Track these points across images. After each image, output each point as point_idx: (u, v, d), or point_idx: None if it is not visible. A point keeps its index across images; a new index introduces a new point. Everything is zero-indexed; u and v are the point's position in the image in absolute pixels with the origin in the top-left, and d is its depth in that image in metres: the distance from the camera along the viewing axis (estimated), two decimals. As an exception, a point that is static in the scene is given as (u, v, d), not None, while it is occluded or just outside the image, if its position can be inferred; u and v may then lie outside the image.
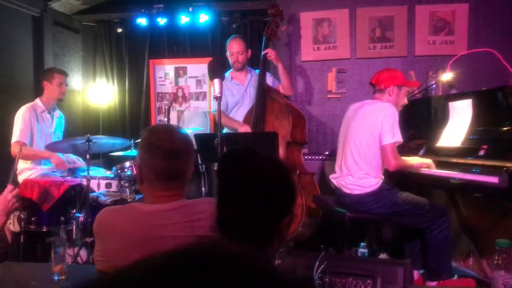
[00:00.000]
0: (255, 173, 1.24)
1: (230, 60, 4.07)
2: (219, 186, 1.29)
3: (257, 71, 4.09)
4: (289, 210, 1.27)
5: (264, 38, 4.02)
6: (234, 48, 4.04)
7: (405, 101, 3.27)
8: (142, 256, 0.42)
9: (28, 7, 4.56)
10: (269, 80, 4.06)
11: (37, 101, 3.97)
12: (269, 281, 0.40)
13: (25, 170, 3.81)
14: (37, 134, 3.87)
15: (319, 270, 1.91)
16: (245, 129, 3.81)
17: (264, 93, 3.88)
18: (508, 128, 2.78)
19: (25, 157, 3.72)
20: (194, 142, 2.21)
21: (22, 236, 3.34)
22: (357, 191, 3.10)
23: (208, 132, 4.86)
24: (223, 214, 1.26)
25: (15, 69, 4.46)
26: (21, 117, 3.81)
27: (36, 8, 4.65)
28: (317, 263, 1.92)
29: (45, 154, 3.82)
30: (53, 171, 3.91)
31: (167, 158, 1.52)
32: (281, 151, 3.66)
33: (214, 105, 3.98)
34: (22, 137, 3.77)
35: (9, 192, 2.20)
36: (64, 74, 4.10)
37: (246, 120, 3.93)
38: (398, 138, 3.03)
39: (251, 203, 1.21)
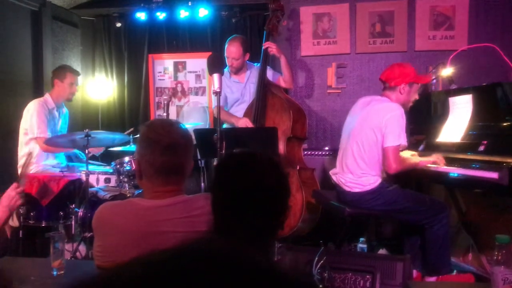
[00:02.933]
0: (255, 180, 1.25)
1: (227, 62, 4.01)
2: (217, 195, 1.29)
3: (256, 64, 4.07)
4: (288, 205, 1.29)
5: (265, 33, 4.00)
6: (230, 53, 3.97)
7: (416, 96, 3.17)
8: (142, 252, 0.41)
9: (27, 1, 4.53)
10: (269, 73, 4.04)
11: (47, 97, 3.96)
12: (272, 278, 0.39)
13: (26, 163, 3.81)
14: (49, 130, 3.87)
15: (319, 265, 1.91)
16: (243, 122, 3.79)
17: (264, 88, 3.86)
18: (509, 123, 2.77)
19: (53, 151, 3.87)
20: (193, 137, 2.20)
21: (21, 231, 3.35)
22: (356, 189, 3.07)
23: (208, 127, 4.85)
24: (223, 221, 1.26)
25: (13, 64, 4.45)
26: (36, 112, 3.79)
27: (35, 2, 4.62)
28: (317, 258, 1.92)
29: None
30: (54, 167, 3.91)
31: (166, 152, 1.51)
32: (282, 147, 3.66)
33: (215, 101, 3.96)
34: (43, 132, 3.78)
35: (13, 189, 2.19)
36: (76, 74, 4.10)
37: (246, 115, 3.91)
38: (402, 141, 2.94)
39: (253, 209, 1.22)
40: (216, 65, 2.82)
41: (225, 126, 3.96)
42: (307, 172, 3.78)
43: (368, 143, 3.01)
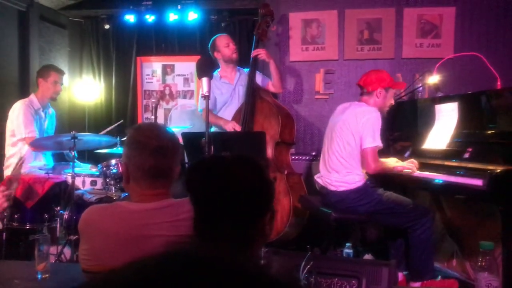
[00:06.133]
0: (226, 180, 1.22)
1: (227, 53, 4.05)
2: (191, 198, 1.28)
3: (246, 70, 4.08)
4: (268, 207, 1.26)
5: (254, 38, 4.01)
6: (229, 39, 4.08)
7: (392, 101, 3.31)
8: (128, 255, 0.41)
9: (14, 1, 4.49)
10: (259, 78, 4.05)
11: (33, 97, 3.91)
12: (262, 283, 0.40)
13: (13, 165, 3.75)
14: (36, 129, 3.83)
15: (305, 270, 1.92)
16: (231, 125, 3.80)
17: (253, 93, 3.87)
18: (493, 131, 2.81)
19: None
20: (181, 140, 2.20)
21: (4, 234, 3.29)
22: (342, 187, 3.15)
23: (199, 130, 4.84)
24: (201, 222, 1.25)
25: (0, 65, 4.39)
26: (22, 112, 3.75)
27: (22, 2, 4.58)
28: (303, 263, 1.92)
29: None
30: (40, 169, 3.86)
31: (154, 155, 1.51)
32: (270, 151, 3.67)
33: (201, 104, 3.96)
34: (31, 132, 3.73)
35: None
36: (61, 73, 4.05)
37: (234, 119, 3.91)
38: (379, 143, 3.08)
39: (228, 210, 1.20)
40: (205, 69, 2.81)
41: (213, 129, 3.97)
42: (294, 177, 3.79)
43: (349, 145, 3.13)
